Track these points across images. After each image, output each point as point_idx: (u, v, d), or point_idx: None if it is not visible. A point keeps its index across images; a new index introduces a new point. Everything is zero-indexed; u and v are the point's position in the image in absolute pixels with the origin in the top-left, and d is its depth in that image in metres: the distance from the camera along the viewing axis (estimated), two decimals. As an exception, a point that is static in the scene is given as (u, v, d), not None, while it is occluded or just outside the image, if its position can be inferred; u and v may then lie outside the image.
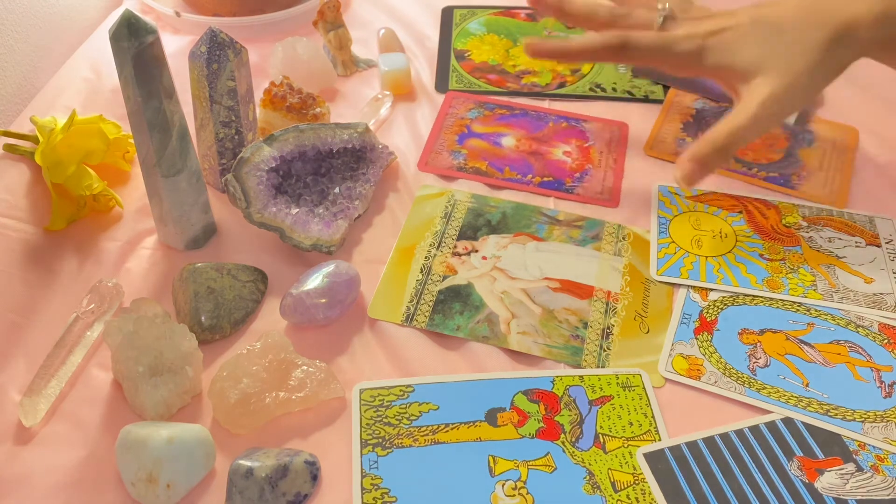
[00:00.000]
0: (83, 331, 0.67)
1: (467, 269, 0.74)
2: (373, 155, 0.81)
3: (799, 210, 0.81)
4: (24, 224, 0.75)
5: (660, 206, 0.81)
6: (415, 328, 0.69)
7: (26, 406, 0.61)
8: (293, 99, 0.83)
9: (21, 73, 0.90)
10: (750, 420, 0.63)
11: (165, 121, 0.66)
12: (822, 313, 0.71)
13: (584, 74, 0.98)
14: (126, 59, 0.62)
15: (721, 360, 0.67)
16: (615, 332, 0.69)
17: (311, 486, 0.58)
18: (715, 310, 0.71)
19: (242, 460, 0.57)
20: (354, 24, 1.02)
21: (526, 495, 0.58)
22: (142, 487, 0.56)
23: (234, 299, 0.69)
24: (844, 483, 0.59)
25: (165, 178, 0.69)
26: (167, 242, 0.75)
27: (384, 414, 0.62)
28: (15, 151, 0.80)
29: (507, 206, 0.80)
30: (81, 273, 0.72)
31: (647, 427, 0.62)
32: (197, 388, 0.63)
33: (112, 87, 0.91)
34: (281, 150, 0.75)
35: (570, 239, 0.77)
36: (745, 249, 0.76)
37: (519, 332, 0.69)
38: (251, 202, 0.72)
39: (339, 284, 0.68)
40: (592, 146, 0.88)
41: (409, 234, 0.77)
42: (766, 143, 0.89)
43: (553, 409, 0.63)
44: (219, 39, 0.72)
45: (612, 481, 0.59)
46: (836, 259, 0.76)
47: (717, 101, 0.94)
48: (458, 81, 0.96)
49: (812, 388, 0.65)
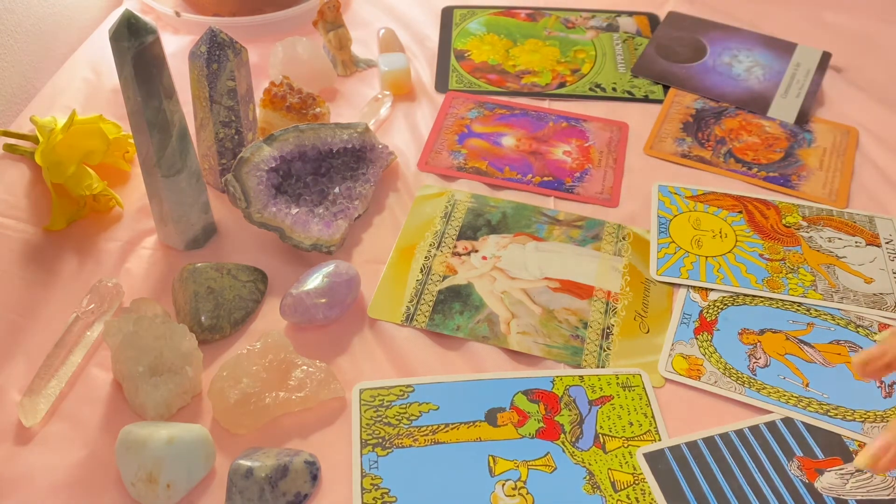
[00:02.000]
0: (83, 331, 0.67)
1: (467, 269, 0.74)
2: (373, 155, 0.81)
3: (799, 210, 0.81)
4: (24, 224, 0.75)
5: (660, 206, 0.81)
6: (415, 328, 0.69)
7: (26, 406, 0.61)
8: (293, 99, 0.83)
9: (21, 73, 0.90)
10: (750, 420, 0.63)
11: (165, 121, 0.66)
12: (822, 313, 0.71)
13: (584, 74, 0.98)
14: (126, 59, 0.62)
15: (721, 360, 0.67)
16: (615, 332, 0.69)
17: (311, 486, 0.58)
18: (715, 310, 0.71)
19: (242, 460, 0.57)
20: (354, 24, 1.02)
21: (526, 495, 0.58)
22: (142, 487, 0.56)
23: (234, 299, 0.69)
24: (844, 483, 0.59)
25: (165, 178, 0.69)
26: (167, 242, 0.75)
27: (384, 414, 0.62)
28: (15, 151, 0.80)
29: (507, 206, 0.80)
30: (81, 273, 0.72)
31: (648, 427, 0.62)
32: (197, 388, 0.63)
33: (112, 87, 0.91)
34: (281, 150, 0.75)
35: (570, 239, 0.77)
36: (745, 249, 0.76)
37: (519, 332, 0.69)
38: (251, 202, 0.72)
39: (339, 284, 0.68)
40: (592, 146, 0.88)
41: (409, 234, 0.77)
42: (765, 143, 0.89)
43: (553, 409, 0.63)
44: (219, 39, 0.72)
45: (612, 481, 0.59)
46: (836, 259, 0.76)
47: (717, 101, 0.94)
48: (458, 81, 0.96)
49: (812, 388, 0.65)
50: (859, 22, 1.07)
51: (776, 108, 0.93)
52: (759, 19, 1.07)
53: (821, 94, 0.96)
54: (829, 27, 1.06)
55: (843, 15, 1.08)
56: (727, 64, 0.99)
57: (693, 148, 0.88)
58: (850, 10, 1.09)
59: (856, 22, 1.07)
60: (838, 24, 1.07)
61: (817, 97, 0.95)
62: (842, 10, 1.08)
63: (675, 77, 0.97)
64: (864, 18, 1.07)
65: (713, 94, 0.95)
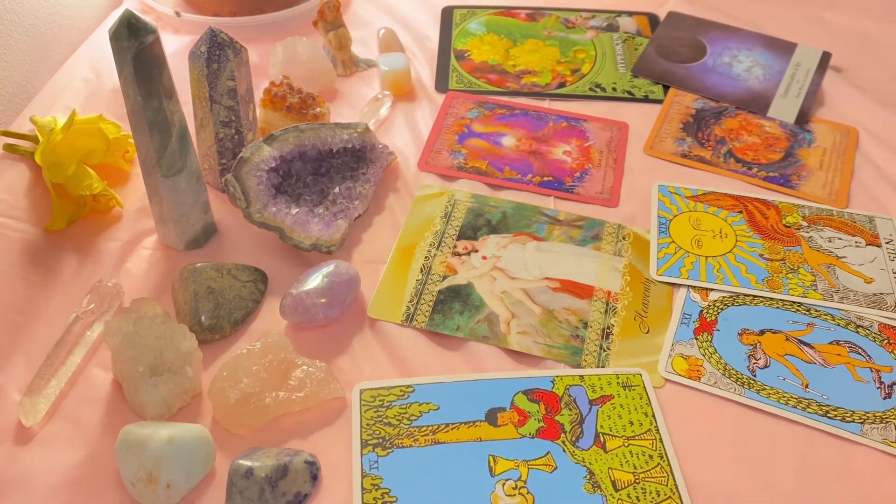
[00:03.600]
0: (83, 331, 0.67)
1: (467, 268, 0.74)
2: (373, 155, 0.81)
3: (799, 210, 0.81)
4: (24, 224, 0.75)
5: (660, 206, 0.81)
6: (415, 328, 0.69)
7: (26, 406, 0.61)
8: (293, 99, 0.83)
9: (21, 73, 0.90)
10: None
11: (165, 121, 0.66)
12: (822, 313, 0.71)
13: (584, 74, 0.98)
14: (126, 59, 0.62)
15: (721, 360, 0.67)
16: (615, 332, 0.69)
17: (311, 486, 0.58)
18: (715, 310, 0.71)
19: (242, 460, 0.57)
20: (354, 24, 1.02)
21: (526, 495, 0.58)
22: (142, 487, 0.56)
23: (234, 299, 0.69)
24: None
25: (165, 178, 0.69)
26: (167, 242, 0.75)
27: (384, 414, 0.62)
28: (15, 151, 0.80)
29: (507, 206, 0.80)
30: (81, 273, 0.72)
31: (648, 426, 0.62)
32: (197, 388, 0.63)
33: (112, 87, 0.91)
34: (281, 150, 0.75)
35: (570, 239, 0.77)
36: (745, 249, 0.76)
37: (519, 332, 0.69)
38: (251, 202, 0.72)
39: (339, 284, 0.68)
40: (592, 146, 0.88)
41: (409, 234, 0.77)
42: (766, 143, 0.89)
43: (553, 408, 0.63)
44: (219, 39, 0.72)
45: (613, 480, 0.59)
46: (836, 259, 0.76)
47: (717, 101, 0.94)
48: (458, 81, 0.96)
49: (811, 388, 0.65)
50: (859, 22, 1.07)
51: (776, 108, 0.93)
52: (759, 19, 1.07)
53: (821, 94, 0.96)
54: (829, 27, 1.06)
55: (843, 15, 1.08)
56: (727, 64, 0.99)
57: (693, 148, 0.88)
58: (850, 10, 1.09)
59: (856, 22, 1.07)
60: (838, 24, 1.07)
61: (817, 97, 0.95)
62: (842, 10, 1.08)
63: (675, 77, 0.97)
64: (864, 18, 1.07)
65: (713, 94, 0.95)
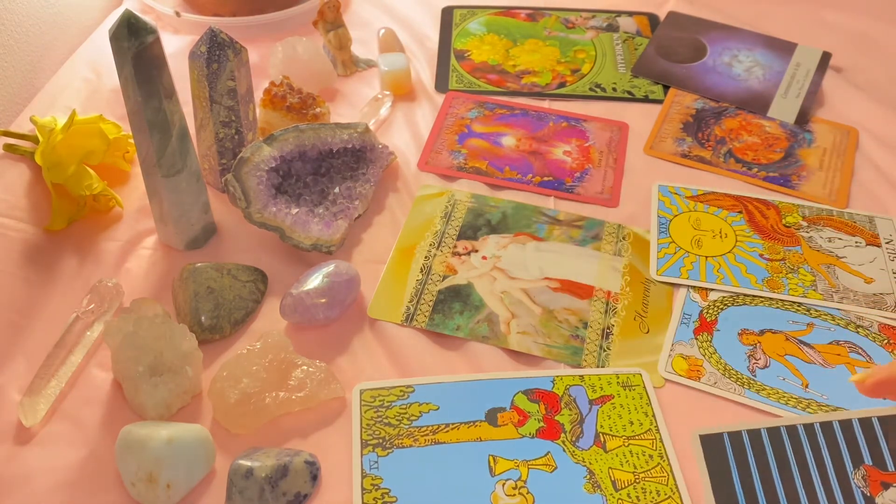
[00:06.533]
0: (83, 331, 0.67)
1: (467, 268, 0.74)
2: (373, 155, 0.81)
3: (799, 210, 0.81)
4: (24, 224, 0.75)
5: (660, 206, 0.81)
6: (415, 328, 0.69)
7: (26, 406, 0.61)
8: (293, 99, 0.83)
9: (21, 73, 0.90)
10: (822, 416, 0.60)
11: (165, 121, 0.66)
12: (822, 313, 0.71)
13: (584, 74, 0.98)
14: (126, 59, 0.62)
15: (721, 360, 0.67)
16: (615, 332, 0.69)
17: (311, 486, 0.58)
18: (715, 310, 0.71)
19: (242, 460, 0.57)
20: (354, 24, 1.02)
21: (526, 495, 0.58)
22: (142, 487, 0.56)
23: (234, 299, 0.69)
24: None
25: (165, 178, 0.69)
26: (167, 242, 0.75)
27: (384, 414, 0.62)
28: (15, 151, 0.80)
29: (507, 206, 0.80)
30: (81, 273, 0.72)
31: (648, 426, 0.62)
32: (197, 388, 0.63)
33: (112, 87, 0.91)
34: (281, 150, 0.75)
35: (570, 239, 0.77)
36: (745, 249, 0.76)
37: (519, 332, 0.69)
38: (251, 202, 0.72)
39: (339, 284, 0.68)
40: (592, 146, 0.88)
41: (409, 234, 0.77)
42: (766, 143, 0.89)
43: (553, 408, 0.63)
44: (219, 39, 0.72)
45: (613, 480, 0.59)
46: (836, 259, 0.76)
47: (717, 101, 0.94)
48: (458, 81, 0.96)
49: (811, 389, 0.65)
50: (859, 22, 1.07)
51: (776, 108, 0.93)
52: (759, 19, 1.07)
53: (821, 94, 0.96)
54: (829, 27, 1.06)
55: (843, 15, 1.08)
56: (727, 64, 0.99)
57: (693, 148, 0.88)
58: (850, 9, 1.08)
59: (856, 22, 1.07)
60: (838, 24, 1.07)
61: (817, 97, 0.95)
62: (842, 10, 1.08)
63: (675, 77, 0.97)
64: (864, 18, 1.07)
65: (713, 94, 0.95)
